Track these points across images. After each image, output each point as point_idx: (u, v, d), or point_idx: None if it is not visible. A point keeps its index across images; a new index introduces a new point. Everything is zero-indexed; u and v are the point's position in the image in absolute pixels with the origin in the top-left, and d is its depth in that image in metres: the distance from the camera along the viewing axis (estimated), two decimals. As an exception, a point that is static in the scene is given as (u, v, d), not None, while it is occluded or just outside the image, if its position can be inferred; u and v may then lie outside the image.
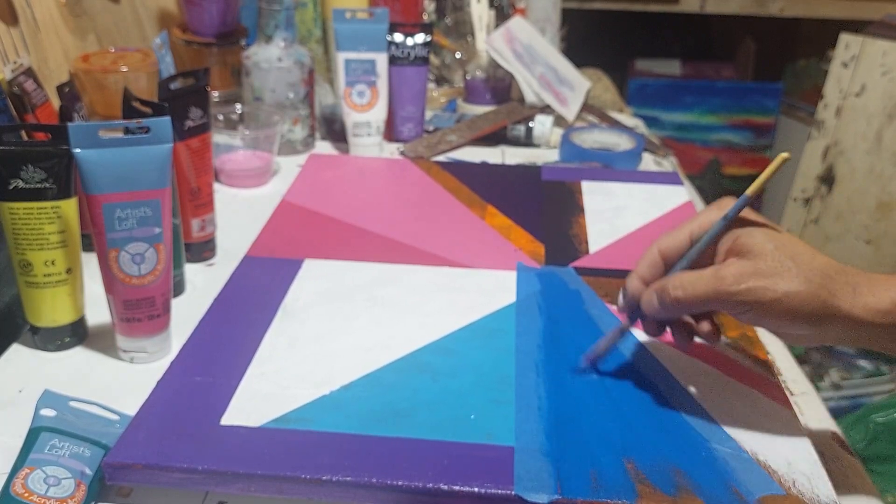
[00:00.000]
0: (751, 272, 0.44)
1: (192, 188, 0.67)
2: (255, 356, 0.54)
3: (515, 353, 0.55)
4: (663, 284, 0.47)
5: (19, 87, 0.65)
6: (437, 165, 0.89)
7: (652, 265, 0.49)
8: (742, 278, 0.43)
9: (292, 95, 0.92)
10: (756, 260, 0.44)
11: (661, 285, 0.47)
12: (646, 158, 0.98)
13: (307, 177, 0.85)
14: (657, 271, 0.49)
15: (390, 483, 0.43)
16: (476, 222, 0.76)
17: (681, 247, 0.49)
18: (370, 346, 0.56)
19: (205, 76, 0.66)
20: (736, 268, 0.44)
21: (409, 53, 0.94)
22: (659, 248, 0.49)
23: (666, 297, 0.46)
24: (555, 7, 1.25)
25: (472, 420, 0.48)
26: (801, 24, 2.14)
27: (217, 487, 0.44)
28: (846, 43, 1.54)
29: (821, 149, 1.61)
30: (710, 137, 2.18)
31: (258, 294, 0.62)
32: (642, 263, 0.50)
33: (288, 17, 0.90)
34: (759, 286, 0.43)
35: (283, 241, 0.71)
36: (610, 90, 1.31)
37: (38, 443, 0.45)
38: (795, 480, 0.44)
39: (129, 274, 0.53)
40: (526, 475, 0.44)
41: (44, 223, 0.53)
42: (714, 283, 0.44)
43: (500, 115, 1.02)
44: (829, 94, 1.58)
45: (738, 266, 0.44)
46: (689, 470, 0.45)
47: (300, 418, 0.48)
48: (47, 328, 0.57)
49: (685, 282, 0.45)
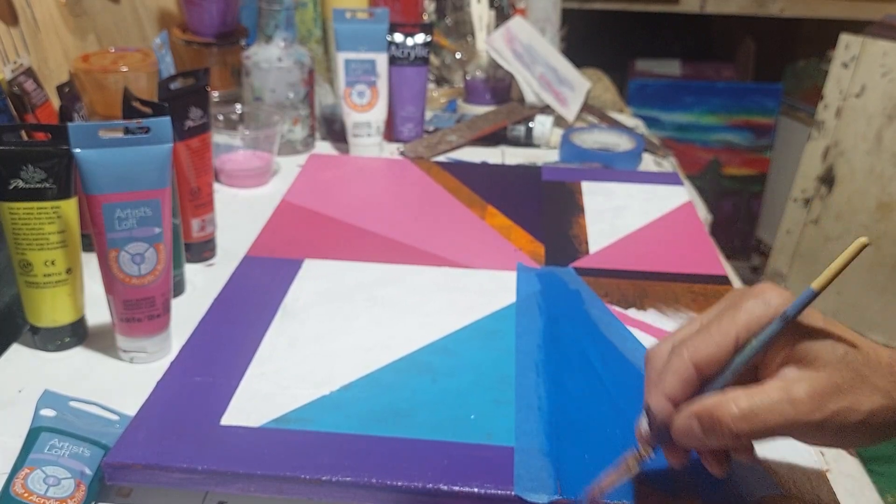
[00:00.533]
0: (829, 392, 0.35)
1: (192, 188, 0.67)
2: (255, 356, 0.54)
3: (515, 353, 0.55)
4: (713, 413, 0.36)
5: (19, 87, 0.65)
6: (437, 165, 0.89)
7: (685, 383, 0.38)
8: (822, 402, 0.35)
9: (292, 95, 0.92)
10: (829, 372, 0.36)
11: (708, 413, 0.36)
12: (646, 159, 0.98)
13: (307, 177, 0.85)
14: (691, 389, 0.38)
15: (390, 483, 0.43)
16: (476, 222, 0.76)
17: (723, 357, 0.37)
18: (370, 346, 0.56)
19: (205, 76, 0.66)
20: (809, 386, 0.36)
21: (409, 53, 0.94)
22: (692, 360, 0.38)
23: (722, 429, 0.36)
24: (555, 7, 1.25)
25: (472, 420, 0.48)
26: (801, 24, 2.14)
27: (217, 487, 0.44)
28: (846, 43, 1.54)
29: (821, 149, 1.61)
30: (710, 138, 2.18)
31: (258, 294, 0.62)
32: (671, 380, 0.38)
33: (288, 17, 0.90)
34: (842, 408, 0.35)
35: (283, 241, 0.71)
36: (610, 90, 1.31)
37: (38, 443, 0.45)
38: (795, 480, 0.44)
39: (129, 274, 0.53)
40: (526, 475, 0.44)
41: (44, 223, 0.53)
42: (787, 410, 0.35)
43: (500, 115, 1.02)
44: (829, 94, 1.58)
45: (812, 384, 0.36)
46: (688, 470, 0.45)
47: (300, 418, 0.48)
48: (47, 328, 0.57)
49: (747, 410, 0.36)
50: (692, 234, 0.75)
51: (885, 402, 0.36)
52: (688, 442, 0.38)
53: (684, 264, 0.69)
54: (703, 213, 0.96)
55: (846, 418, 0.35)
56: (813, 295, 0.36)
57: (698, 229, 0.76)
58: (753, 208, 2.24)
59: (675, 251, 0.71)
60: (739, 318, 0.37)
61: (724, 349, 0.37)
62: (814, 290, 0.36)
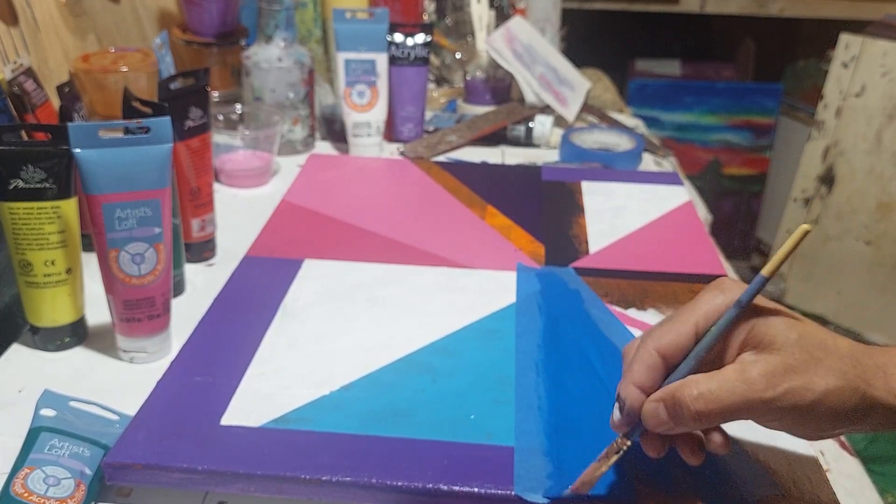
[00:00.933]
0: (781, 371, 0.37)
1: (192, 188, 0.67)
2: (255, 356, 0.54)
3: (515, 353, 0.55)
4: (675, 395, 0.38)
5: (19, 87, 0.65)
6: (437, 165, 0.89)
7: (651, 369, 0.40)
8: (775, 380, 0.37)
9: (292, 95, 0.92)
10: (783, 355, 0.37)
11: (670, 396, 0.39)
12: (646, 159, 0.98)
13: (307, 177, 0.85)
14: (657, 376, 0.40)
15: (390, 483, 0.43)
16: (476, 222, 0.76)
17: (684, 344, 0.40)
18: (370, 346, 0.56)
19: (205, 76, 0.66)
20: (763, 367, 0.37)
21: (409, 53, 0.94)
22: (657, 348, 0.40)
23: (683, 411, 0.38)
24: (555, 7, 1.25)
25: (472, 420, 0.48)
26: (801, 24, 2.14)
27: (217, 487, 0.44)
28: (846, 43, 1.54)
29: (821, 149, 1.61)
30: (710, 138, 2.18)
31: (258, 294, 0.62)
32: (638, 368, 0.40)
33: (288, 17, 0.90)
34: (795, 387, 0.37)
35: (283, 241, 0.71)
36: (610, 90, 1.31)
37: (38, 443, 0.45)
38: (795, 480, 0.44)
39: (129, 274, 0.53)
40: (526, 475, 0.44)
41: (44, 223, 0.53)
42: (742, 389, 0.37)
43: (500, 115, 1.02)
44: (829, 94, 1.58)
45: (765, 365, 0.37)
46: (689, 470, 0.45)
47: (300, 418, 0.48)
48: (47, 328, 0.57)
49: (705, 392, 0.37)
50: (692, 234, 0.75)
51: (839, 382, 0.37)
52: (656, 426, 0.39)
53: (684, 264, 0.69)
54: (703, 213, 0.96)
55: (801, 397, 0.37)
56: (764, 280, 0.38)
57: (698, 229, 0.76)
58: (753, 208, 2.24)
59: (675, 251, 0.71)
60: (699, 308, 0.40)
61: (685, 336, 0.39)
62: (764, 276, 0.38)
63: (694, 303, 0.40)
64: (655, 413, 0.39)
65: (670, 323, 0.40)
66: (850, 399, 0.37)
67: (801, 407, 0.37)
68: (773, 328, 0.38)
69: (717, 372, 0.38)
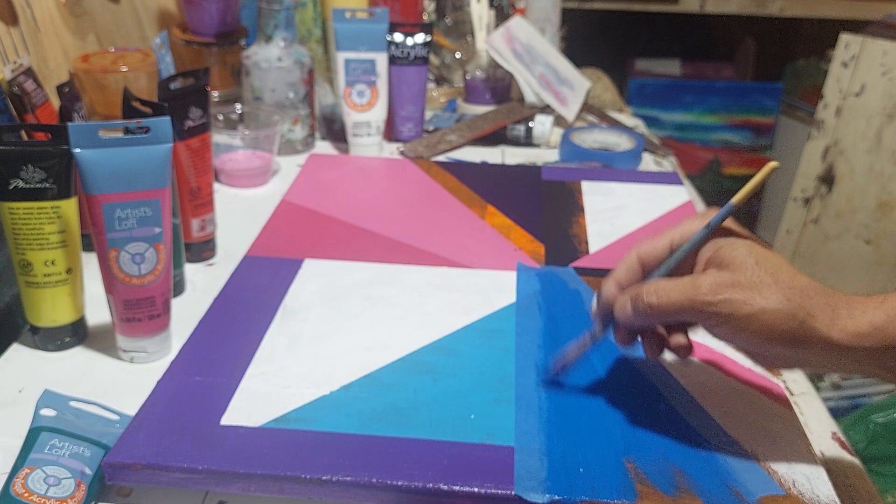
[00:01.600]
0: (728, 283, 0.42)
1: (192, 188, 0.67)
2: (255, 356, 0.54)
3: (515, 353, 0.55)
4: (638, 291, 0.45)
5: (19, 87, 0.65)
6: (437, 165, 0.89)
7: (630, 270, 0.47)
8: (719, 289, 0.42)
9: (292, 95, 0.92)
10: (735, 272, 0.42)
11: (635, 291, 0.45)
12: (646, 158, 0.98)
13: (307, 177, 0.85)
14: (634, 277, 0.47)
15: (390, 483, 0.43)
16: (476, 222, 0.76)
17: (660, 254, 0.47)
18: (370, 345, 0.56)
19: (205, 76, 0.66)
20: (713, 278, 0.42)
21: (409, 53, 0.94)
22: (638, 254, 0.47)
23: (639, 303, 0.44)
24: (555, 7, 1.25)
25: (472, 420, 0.48)
26: (801, 24, 2.14)
27: (217, 487, 0.44)
28: (846, 43, 1.54)
29: (821, 149, 1.61)
30: (710, 137, 2.18)
31: (258, 294, 0.62)
32: (620, 268, 0.47)
33: (288, 17, 0.90)
34: (735, 298, 0.41)
35: (282, 241, 0.71)
36: (610, 90, 1.31)
37: (38, 443, 0.45)
38: (795, 480, 0.44)
39: (129, 274, 0.53)
40: (526, 475, 0.44)
41: (44, 223, 0.53)
42: (689, 291, 0.42)
43: (500, 115, 1.02)
44: (828, 94, 1.58)
45: (716, 276, 0.42)
46: (689, 470, 0.45)
47: (300, 418, 0.48)
48: (47, 328, 0.57)
49: (660, 289, 0.44)
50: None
51: (779, 305, 0.41)
52: (623, 317, 0.46)
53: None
54: (703, 212, 0.96)
55: (738, 308, 0.41)
56: (732, 208, 0.44)
57: (698, 229, 0.76)
58: (753, 208, 2.24)
59: (675, 251, 0.71)
60: (678, 227, 0.47)
61: (661, 248, 0.47)
62: (733, 204, 0.44)
63: (674, 226, 0.47)
64: (623, 305, 0.45)
65: (652, 237, 0.47)
66: (787, 322, 0.41)
67: (737, 317, 0.41)
68: (735, 251, 0.43)
69: (676, 278, 0.44)
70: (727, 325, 0.42)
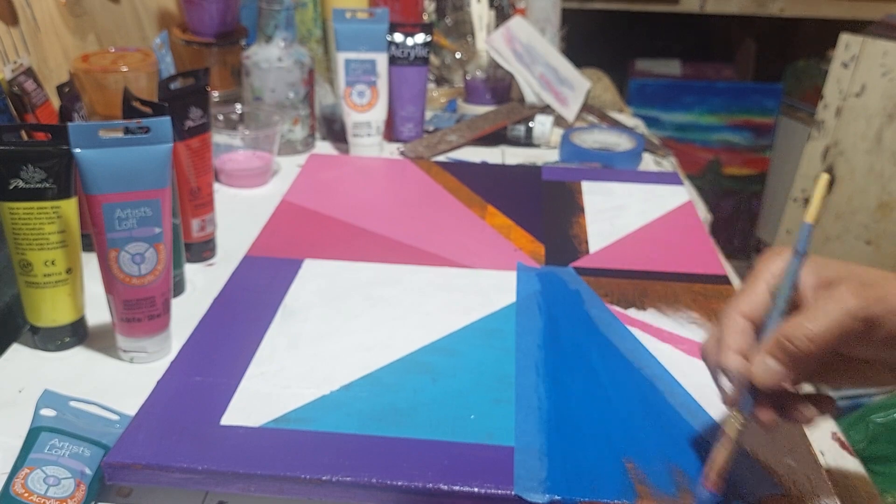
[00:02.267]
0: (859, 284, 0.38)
1: (192, 188, 0.67)
2: (255, 356, 0.54)
3: (515, 353, 0.55)
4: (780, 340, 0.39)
5: (19, 87, 0.65)
6: (437, 165, 0.89)
7: (743, 333, 0.41)
8: (859, 291, 0.38)
9: (292, 95, 0.92)
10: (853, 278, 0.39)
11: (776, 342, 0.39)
12: (646, 158, 0.98)
13: (307, 177, 0.85)
14: (749, 339, 0.41)
15: (390, 483, 0.43)
16: (476, 222, 0.76)
17: (763, 302, 0.42)
18: (370, 345, 0.56)
19: (205, 76, 0.66)
20: (843, 287, 0.38)
21: (409, 53, 0.94)
22: (741, 313, 0.42)
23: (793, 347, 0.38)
24: (555, 7, 1.25)
25: (472, 420, 0.48)
26: (801, 24, 2.14)
27: (217, 487, 0.44)
28: (846, 43, 1.54)
29: (821, 149, 1.61)
30: (710, 137, 2.18)
31: (258, 294, 0.62)
32: (731, 335, 0.41)
33: (288, 17, 0.90)
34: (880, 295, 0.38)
35: (283, 241, 0.71)
36: (610, 90, 1.31)
37: (38, 443, 0.45)
38: (795, 480, 0.44)
39: (129, 274, 0.53)
40: (526, 475, 0.44)
41: (44, 223, 0.53)
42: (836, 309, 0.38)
43: (500, 115, 1.02)
44: (829, 94, 1.58)
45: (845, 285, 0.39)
46: (689, 470, 0.45)
47: (300, 418, 0.48)
48: (47, 328, 0.57)
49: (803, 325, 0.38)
50: (692, 234, 0.75)
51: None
52: (770, 379, 0.39)
53: (684, 264, 0.69)
54: (703, 213, 0.96)
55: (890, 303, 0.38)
56: (810, 228, 0.41)
57: (698, 229, 0.76)
58: (753, 208, 2.24)
59: (675, 251, 0.71)
60: (763, 271, 0.42)
61: (762, 296, 0.42)
62: (810, 224, 0.41)
63: (756, 271, 0.43)
64: (767, 367, 0.39)
65: (742, 293, 0.42)
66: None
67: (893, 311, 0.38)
68: (834, 269, 0.41)
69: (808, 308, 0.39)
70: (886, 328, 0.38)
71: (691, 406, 0.50)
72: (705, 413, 0.50)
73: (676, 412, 0.50)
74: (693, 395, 0.51)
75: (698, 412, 0.50)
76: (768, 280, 0.42)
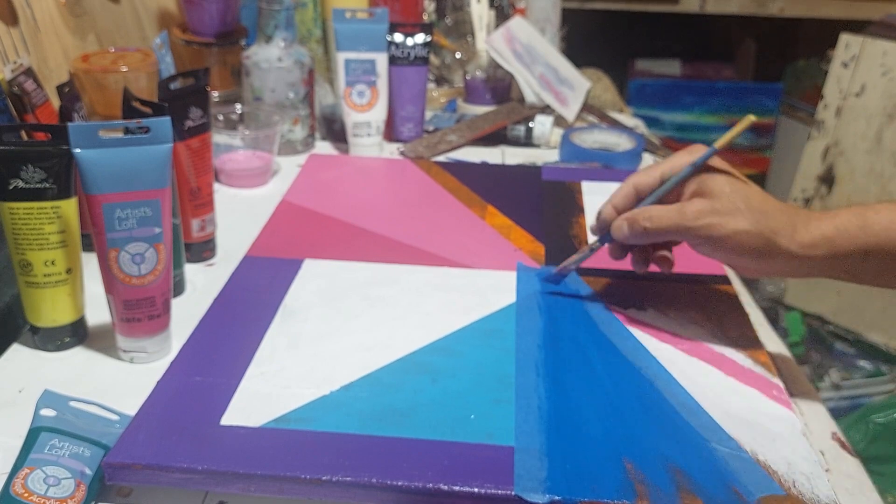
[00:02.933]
0: (708, 210, 0.51)
1: (192, 188, 0.67)
2: (255, 356, 0.54)
3: (515, 353, 0.55)
4: (634, 215, 0.55)
5: (19, 87, 0.65)
6: (437, 165, 0.89)
7: (626, 196, 0.57)
8: (701, 215, 0.52)
9: (292, 95, 0.92)
10: (714, 201, 0.52)
11: (631, 215, 0.55)
12: (646, 159, 0.98)
13: (307, 177, 0.85)
14: (630, 202, 0.57)
15: (390, 483, 0.43)
16: (476, 222, 0.76)
17: (653, 184, 0.56)
18: (370, 346, 0.56)
19: (205, 76, 0.66)
20: (697, 206, 0.52)
21: (409, 53, 0.94)
22: (634, 183, 0.56)
23: (635, 226, 0.54)
24: (555, 7, 1.25)
25: (472, 420, 0.48)
26: (801, 24, 2.14)
27: (217, 487, 0.44)
28: (846, 43, 1.54)
29: (821, 149, 1.61)
30: (711, 138, 2.17)
31: (258, 294, 0.62)
32: (618, 194, 0.57)
33: (288, 17, 0.90)
34: (713, 223, 0.51)
35: (283, 241, 0.71)
36: (610, 90, 1.31)
37: (38, 443, 0.45)
38: (795, 480, 0.44)
39: (129, 274, 0.53)
40: (526, 475, 0.44)
41: (44, 223, 0.53)
42: (677, 217, 0.52)
43: (500, 115, 1.02)
44: (829, 94, 1.58)
45: (699, 204, 0.52)
46: (689, 470, 0.45)
47: (300, 418, 0.48)
48: (47, 328, 0.57)
49: (653, 214, 0.54)
50: (692, 234, 0.74)
51: (748, 227, 0.51)
52: (619, 236, 0.56)
53: (684, 264, 0.68)
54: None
55: (715, 230, 0.51)
56: (714, 151, 0.54)
57: (698, 229, 0.76)
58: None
59: (675, 251, 0.71)
60: (668, 162, 0.56)
61: (654, 180, 0.56)
62: (716, 148, 0.54)
63: (667, 159, 0.56)
64: (620, 226, 0.56)
65: (647, 169, 0.57)
66: (754, 241, 0.51)
67: (715, 238, 0.52)
68: (715, 182, 0.52)
69: (666, 205, 0.54)
70: (708, 244, 0.52)
71: (691, 406, 0.50)
72: (705, 413, 0.50)
73: (676, 412, 0.50)
74: (693, 395, 0.51)
75: (698, 412, 0.50)
76: (664, 170, 0.55)
